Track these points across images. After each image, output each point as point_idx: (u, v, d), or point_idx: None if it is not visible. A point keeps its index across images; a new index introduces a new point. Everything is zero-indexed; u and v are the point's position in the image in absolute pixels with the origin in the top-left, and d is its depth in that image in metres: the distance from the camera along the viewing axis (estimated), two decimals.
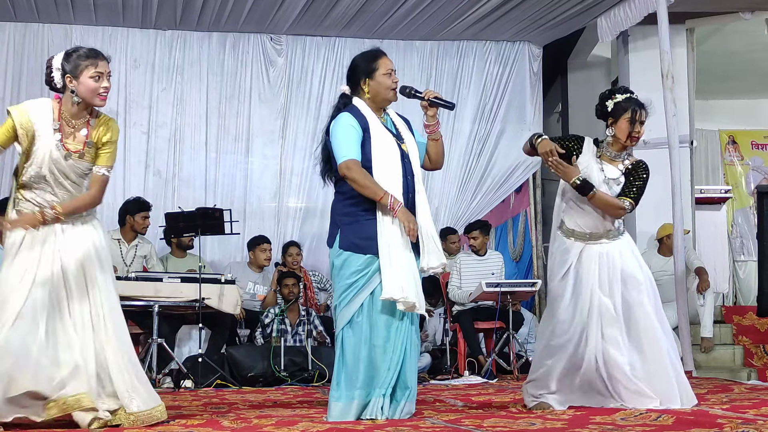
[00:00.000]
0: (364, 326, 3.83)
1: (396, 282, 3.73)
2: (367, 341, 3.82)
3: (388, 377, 3.82)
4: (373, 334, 3.82)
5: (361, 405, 3.82)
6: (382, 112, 4.03)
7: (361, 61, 4.02)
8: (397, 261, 3.77)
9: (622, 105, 4.29)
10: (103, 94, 3.76)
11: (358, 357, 3.81)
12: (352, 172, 3.81)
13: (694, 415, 3.73)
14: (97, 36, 8.24)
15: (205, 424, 3.74)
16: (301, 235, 8.53)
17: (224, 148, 8.52)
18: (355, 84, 4.01)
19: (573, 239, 4.32)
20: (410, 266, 3.81)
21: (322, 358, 6.68)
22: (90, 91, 3.73)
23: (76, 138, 3.79)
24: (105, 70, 3.75)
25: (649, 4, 7.18)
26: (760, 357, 7.81)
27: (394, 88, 3.98)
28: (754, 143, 11.27)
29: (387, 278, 3.74)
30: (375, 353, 3.81)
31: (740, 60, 9.91)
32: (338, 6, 7.84)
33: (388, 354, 3.82)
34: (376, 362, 3.81)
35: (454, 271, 7.72)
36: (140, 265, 7.14)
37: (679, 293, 6.93)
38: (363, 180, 3.81)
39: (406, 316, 3.88)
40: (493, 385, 6.48)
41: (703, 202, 8.56)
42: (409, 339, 3.89)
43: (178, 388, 6.20)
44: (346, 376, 3.83)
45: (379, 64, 3.97)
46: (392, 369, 3.82)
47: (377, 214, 3.83)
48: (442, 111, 4.08)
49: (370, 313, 3.83)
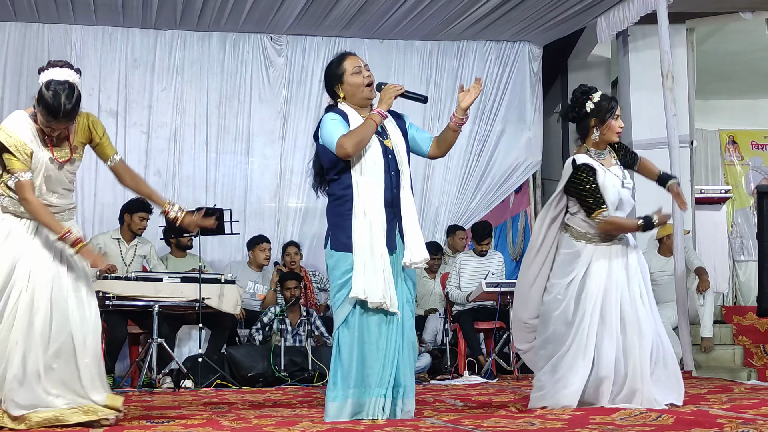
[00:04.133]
0: (357, 325, 3.84)
1: (360, 282, 3.76)
2: (361, 340, 3.83)
3: (385, 376, 3.81)
4: (365, 332, 3.84)
5: (356, 404, 3.81)
6: (369, 110, 4.00)
7: (329, 68, 4.04)
8: (368, 261, 3.78)
9: (603, 104, 4.29)
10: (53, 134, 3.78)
11: (352, 356, 3.82)
12: (346, 140, 3.80)
13: (694, 415, 3.73)
14: (97, 36, 8.25)
15: (205, 424, 3.74)
16: (301, 235, 8.53)
17: (224, 148, 8.52)
18: (333, 92, 4.04)
19: (584, 242, 4.30)
20: (380, 265, 3.79)
21: (322, 358, 6.67)
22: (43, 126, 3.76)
23: (61, 146, 3.83)
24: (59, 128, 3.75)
25: (649, 4, 7.18)
26: (760, 357, 7.82)
27: (369, 84, 3.97)
28: (754, 143, 11.27)
29: (354, 278, 3.78)
30: (368, 352, 3.82)
31: (740, 60, 9.91)
32: (338, 6, 7.84)
33: (381, 352, 3.82)
34: (369, 361, 3.81)
35: (454, 271, 7.73)
36: (140, 264, 7.13)
37: (679, 293, 6.93)
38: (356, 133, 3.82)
39: (404, 314, 3.88)
40: (493, 385, 6.48)
41: (703, 202, 8.55)
42: (403, 336, 3.88)
43: (178, 388, 6.20)
44: (341, 376, 3.84)
45: (345, 65, 3.98)
46: (387, 367, 3.82)
47: (353, 213, 3.84)
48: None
49: (362, 312, 3.84)
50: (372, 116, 3.86)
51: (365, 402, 3.81)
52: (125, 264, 7.00)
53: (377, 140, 3.93)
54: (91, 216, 8.13)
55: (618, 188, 4.29)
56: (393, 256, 3.88)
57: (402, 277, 3.92)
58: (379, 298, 3.76)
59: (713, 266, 8.42)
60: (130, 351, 7.16)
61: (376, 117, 3.85)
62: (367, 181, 3.85)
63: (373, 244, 3.80)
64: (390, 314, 3.85)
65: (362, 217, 3.82)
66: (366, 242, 3.80)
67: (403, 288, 3.92)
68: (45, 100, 3.65)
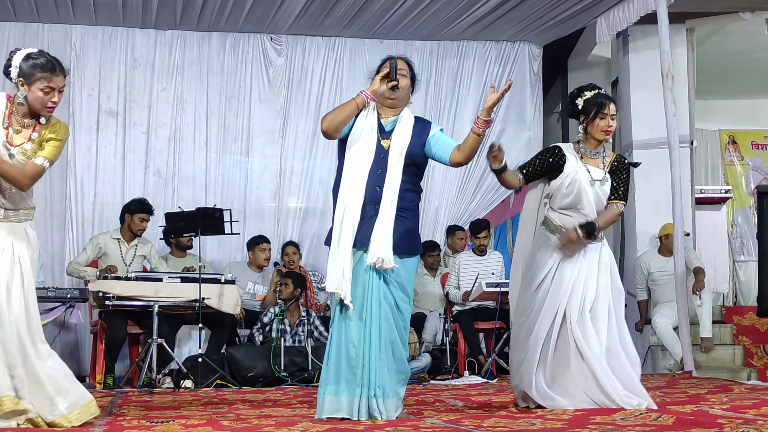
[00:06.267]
0: (339, 323, 3.88)
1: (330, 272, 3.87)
2: (341, 338, 3.87)
3: (369, 377, 3.81)
4: (346, 331, 3.87)
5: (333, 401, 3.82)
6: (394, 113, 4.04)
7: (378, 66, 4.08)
8: (334, 251, 3.87)
9: (592, 101, 4.35)
10: (50, 107, 3.71)
11: (331, 354, 3.89)
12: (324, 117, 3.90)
13: (694, 415, 3.73)
14: (97, 36, 8.25)
15: (205, 424, 3.74)
16: (301, 235, 8.53)
17: (224, 147, 8.52)
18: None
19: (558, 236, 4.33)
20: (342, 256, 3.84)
21: (321, 358, 6.66)
22: (38, 102, 3.68)
23: (22, 134, 3.72)
24: (58, 86, 3.70)
25: (649, 4, 7.18)
26: (760, 357, 7.81)
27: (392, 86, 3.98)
28: (754, 143, 11.27)
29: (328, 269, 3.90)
30: (347, 350, 3.84)
31: (740, 60, 9.91)
32: (338, 6, 7.84)
33: (359, 351, 3.83)
34: (348, 359, 3.84)
35: (453, 271, 7.73)
36: (140, 264, 7.13)
37: (679, 293, 6.93)
38: (333, 111, 3.92)
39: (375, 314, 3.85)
40: (493, 385, 6.47)
41: (703, 202, 8.55)
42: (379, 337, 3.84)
43: (178, 388, 6.20)
44: (324, 373, 3.90)
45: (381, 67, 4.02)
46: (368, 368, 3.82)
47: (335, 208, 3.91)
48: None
49: (343, 311, 3.88)
50: (356, 96, 3.92)
51: (342, 400, 3.82)
52: (125, 264, 7.00)
53: (375, 138, 3.96)
54: (91, 216, 8.13)
55: (582, 183, 4.29)
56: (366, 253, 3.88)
57: (377, 275, 3.87)
58: (335, 287, 3.83)
59: (713, 266, 8.42)
60: (130, 351, 7.17)
61: (358, 98, 3.91)
62: (351, 175, 3.91)
63: (340, 236, 3.86)
64: (365, 314, 3.85)
65: (340, 211, 3.89)
66: (336, 234, 3.88)
67: (378, 287, 3.87)
68: (37, 63, 3.67)
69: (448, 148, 4.12)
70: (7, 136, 3.69)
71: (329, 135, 3.91)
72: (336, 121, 3.88)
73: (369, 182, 3.90)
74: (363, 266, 3.87)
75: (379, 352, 3.84)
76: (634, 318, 8.02)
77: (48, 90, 3.68)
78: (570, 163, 4.31)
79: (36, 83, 3.66)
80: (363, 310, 3.85)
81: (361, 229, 3.87)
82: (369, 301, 3.86)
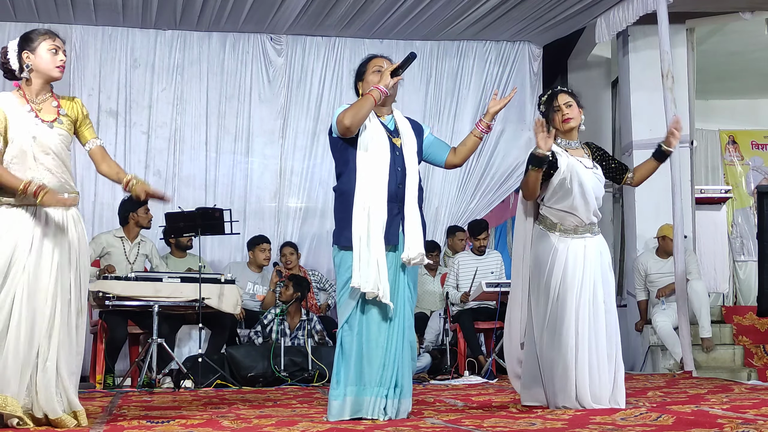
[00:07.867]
0: (359, 324, 3.85)
1: (357, 272, 3.79)
2: (362, 338, 3.84)
3: (386, 376, 3.81)
4: (366, 331, 3.84)
5: (355, 402, 3.81)
6: (388, 111, 4.06)
7: (358, 66, 4.14)
8: (364, 251, 3.80)
9: (545, 103, 4.48)
10: (60, 65, 3.83)
11: (352, 354, 3.83)
12: (344, 114, 3.85)
13: (694, 415, 3.73)
14: (97, 36, 8.25)
15: (205, 424, 3.74)
16: (301, 235, 8.53)
17: (224, 148, 8.52)
18: (355, 89, 4.14)
19: (558, 233, 4.33)
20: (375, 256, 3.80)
21: (322, 358, 6.68)
22: (48, 63, 3.80)
23: (47, 110, 3.86)
24: (61, 46, 3.85)
25: (649, 4, 7.18)
26: (760, 357, 7.81)
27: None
28: (754, 143, 11.27)
29: (353, 269, 3.81)
30: (369, 350, 3.82)
31: (740, 60, 9.91)
32: (338, 6, 7.84)
33: (381, 351, 3.82)
34: (370, 359, 3.81)
35: (452, 271, 7.72)
36: (143, 263, 7.15)
37: (679, 293, 6.93)
38: (353, 107, 3.87)
39: (399, 313, 3.88)
40: (493, 385, 6.48)
41: (703, 202, 8.55)
42: (403, 336, 3.88)
43: (178, 388, 6.20)
44: (343, 374, 3.84)
45: (369, 65, 4.06)
46: (389, 367, 3.82)
47: (353, 208, 3.86)
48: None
49: (364, 310, 3.85)
50: (371, 92, 3.89)
51: (364, 401, 3.81)
52: (129, 262, 7.02)
53: (386, 136, 3.96)
54: (91, 216, 8.12)
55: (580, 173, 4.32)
56: (395, 252, 3.90)
57: (403, 274, 3.92)
58: (371, 287, 3.77)
59: (713, 266, 8.42)
60: (130, 351, 7.17)
61: (374, 92, 3.88)
62: (371, 174, 3.87)
63: (369, 236, 3.82)
64: (391, 313, 3.85)
65: (362, 211, 3.84)
66: (363, 234, 3.82)
67: (403, 286, 3.92)
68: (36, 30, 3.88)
69: (443, 151, 4.17)
70: (37, 114, 3.81)
71: (351, 131, 3.88)
72: (359, 116, 3.85)
73: (390, 181, 3.90)
74: (392, 265, 3.87)
75: (402, 351, 3.86)
76: (634, 318, 8.03)
77: (54, 48, 3.81)
78: (562, 157, 4.36)
79: (41, 45, 3.80)
80: (389, 310, 3.85)
81: (390, 228, 3.87)
82: (396, 300, 3.87)
